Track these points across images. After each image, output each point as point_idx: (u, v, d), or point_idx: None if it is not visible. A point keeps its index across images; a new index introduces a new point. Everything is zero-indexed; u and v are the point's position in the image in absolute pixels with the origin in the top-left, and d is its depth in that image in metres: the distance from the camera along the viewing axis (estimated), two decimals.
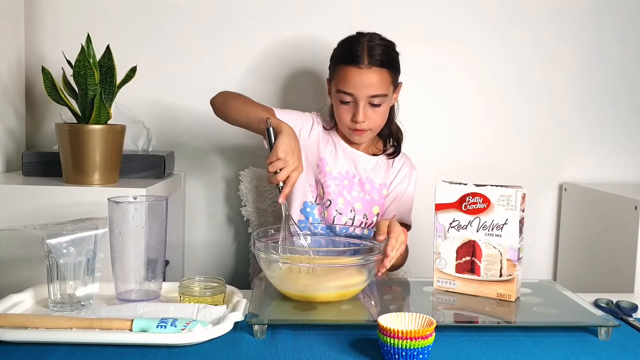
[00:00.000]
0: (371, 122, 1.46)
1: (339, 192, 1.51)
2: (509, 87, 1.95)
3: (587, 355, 0.92)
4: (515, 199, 1.10)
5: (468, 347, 0.94)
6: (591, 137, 1.99)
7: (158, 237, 1.09)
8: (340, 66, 1.45)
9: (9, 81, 1.70)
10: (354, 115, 1.44)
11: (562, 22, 1.93)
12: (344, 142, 1.55)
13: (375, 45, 1.43)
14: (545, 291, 1.19)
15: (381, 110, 1.46)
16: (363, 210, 1.51)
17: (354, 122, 1.45)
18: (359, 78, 1.41)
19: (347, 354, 0.90)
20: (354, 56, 1.42)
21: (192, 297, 1.07)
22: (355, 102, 1.43)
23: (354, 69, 1.42)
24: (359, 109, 1.43)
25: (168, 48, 1.85)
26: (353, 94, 1.43)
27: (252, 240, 1.13)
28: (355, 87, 1.42)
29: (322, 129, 1.56)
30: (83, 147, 1.42)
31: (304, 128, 1.54)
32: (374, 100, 1.43)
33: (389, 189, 1.55)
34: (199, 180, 1.92)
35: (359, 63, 1.41)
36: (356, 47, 1.43)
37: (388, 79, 1.44)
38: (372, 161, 1.56)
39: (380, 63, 1.42)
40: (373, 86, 1.42)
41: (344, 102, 1.45)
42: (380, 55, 1.42)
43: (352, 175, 1.53)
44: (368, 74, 1.41)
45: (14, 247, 1.38)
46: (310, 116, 1.57)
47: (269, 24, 1.86)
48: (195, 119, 1.89)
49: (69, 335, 0.91)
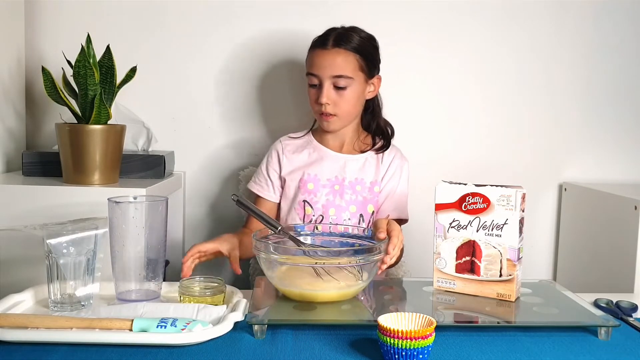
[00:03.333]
0: (337, 107, 1.47)
1: (329, 202, 1.50)
2: (509, 87, 1.95)
3: (587, 355, 0.92)
4: (515, 199, 1.10)
5: (468, 347, 0.94)
6: (591, 137, 1.99)
7: (158, 237, 1.09)
8: (310, 51, 1.51)
9: (9, 81, 1.70)
10: (319, 97, 1.46)
11: (562, 22, 1.93)
12: (326, 148, 1.56)
13: (348, 33, 1.47)
14: (545, 291, 1.19)
15: (347, 95, 1.46)
16: (358, 212, 1.51)
17: (320, 105, 1.47)
18: (323, 58, 1.45)
19: (347, 354, 0.90)
20: (323, 40, 1.47)
21: (192, 297, 1.07)
22: (321, 84, 1.46)
23: (320, 50, 1.47)
24: (323, 89, 1.45)
25: (168, 48, 1.85)
26: (317, 75, 1.46)
27: (252, 240, 1.13)
28: (319, 67, 1.46)
29: (298, 145, 1.58)
30: (83, 147, 1.42)
31: (276, 169, 1.57)
32: (338, 82, 1.45)
33: (381, 186, 1.54)
34: (199, 180, 1.92)
35: (325, 45, 1.46)
36: (329, 33, 1.49)
37: (354, 63, 1.46)
38: (360, 160, 1.55)
39: (346, 46, 1.45)
40: (336, 66, 1.44)
41: (311, 85, 1.49)
42: (349, 39, 1.45)
43: (342, 179, 1.52)
44: (332, 54, 1.45)
45: (14, 247, 1.38)
46: (274, 150, 1.59)
47: (270, 24, 1.86)
48: (195, 119, 1.89)
49: (69, 335, 0.91)
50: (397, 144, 1.62)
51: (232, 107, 1.89)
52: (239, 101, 1.89)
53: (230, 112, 1.89)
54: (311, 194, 1.51)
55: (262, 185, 1.59)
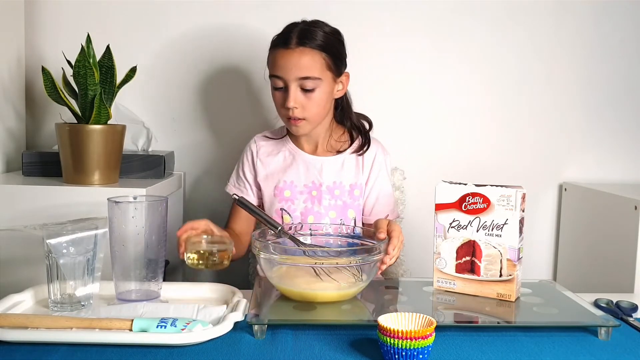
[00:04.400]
0: (305, 110, 1.38)
1: (307, 210, 1.45)
2: (509, 87, 1.95)
3: (587, 355, 0.92)
4: (515, 199, 1.10)
5: (468, 347, 0.94)
6: (591, 137, 1.99)
7: (158, 237, 1.09)
8: (272, 50, 1.40)
9: (9, 81, 1.70)
10: (285, 101, 1.37)
11: (562, 22, 1.93)
12: (301, 151, 1.49)
13: (311, 29, 1.37)
14: (545, 291, 1.19)
15: (316, 97, 1.37)
16: (338, 217, 1.46)
17: (287, 109, 1.37)
18: (287, 59, 1.35)
19: (347, 354, 0.90)
20: (285, 38, 1.37)
21: (197, 253, 1.05)
22: (287, 86, 1.36)
23: (282, 51, 1.36)
24: (290, 93, 1.36)
25: (168, 48, 1.85)
26: (282, 77, 1.36)
27: (252, 240, 1.13)
28: (283, 69, 1.35)
29: (271, 147, 1.52)
30: (83, 147, 1.42)
31: (251, 169, 1.53)
32: (305, 84, 1.35)
33: (365, 190, 1.48)
34: (199, 180, 1.92)
35: (288, 44, 1.35)
36: (291, 29, 1.38)
37: (320, 62, 1.36)
38: (338, 162, 1.48)
39: (311, 44, 1.35)
40: (302, 67, 1.34)
41: (276, 88, 1.39)
42: (313, 36, 1.35)
43: (319, 184, 1.46)
44: (296, 54, 1.34)
45: (14, 247, 1.38)
46: (248, 149, 1.54)
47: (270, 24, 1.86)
48: (195, 119, 1.89)
49: (69, 335, 0.91)
50: (397, 145, 1.61)
51: (232, 107, 1.89)
52: (240, 101, 1.89)
53: (230, 112, 1.89)
54: (288, 202, 1.46)
55: (240, 189, 1.54)
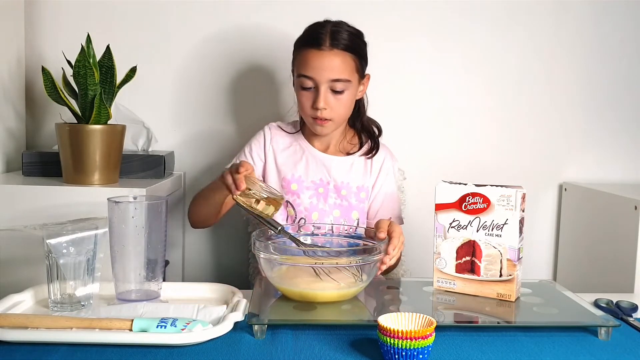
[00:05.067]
0: (333, 111, 1.40)
1: (312, 206, 1.46)
2: (509, 86, 1.95)
3: (587, 355, 0.92)
4: (515, 199, 1.10)
5: (468, 347, 0.94)
6: (591, 137, 1.99)
7: (158, 237, 1.09)
8: (302, 49, 1.41)
9: (9, 81, 1.70)
10: (315, 102, 1.38)
11: (562, 22, 1.93)
12: (312, 147, 1.50)
13: (340, 30, 1.39)
14: (545, 291, 1.19)
15: (344, 99, 1.40)
16: (341, 217, 1.46)
17: (315, 110, 1.39)
18: (320, 60, 1.36)
19: (347, 354, 0.90)
20: (316, 38, 1.38)
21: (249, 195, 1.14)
22: (316, 87, 1.38)
23: (315, 51, 1.37)
24: (320, 94, 1.37)
25: (168, 48, 1.85)
26: (313, 78, 1.37)
27: (252, 240, 1.13)
28: (315, 70, 1.37)
29: (283, 138, 1.52)
30: (83, 147, 1.42)
31: (260, 154, 1.51)
32: (336, 86, 1.37)
33: (372, 193, 1.50)
34: (199, 180, 1.92)
35: (321, 45, 1.36)
36: (320, 30, 1.39)
37: (351, 64, 1.39)
38: (347, 163, 1.50)
39: (343, 46, 1.37)
40: (334, 69, 1.36)
41: (304, 87, 1.40)
42: (344, 39, 1.38)
43: (327, 182, 1.47)
44: (330, 56, 1.36)
45: (14, 247, 1.38)
46: (262, 133, 1.53)
47: (272, 25, 1.86)
48: (195, 119, 1.89)
49: (69, 335, 0.91)
50: (397, 145, 1.61)
51: (232, 107, 1.89)
52: (240, 101, 1.89)
53: (230, 112, 1.89)
54: (294, 195, 1.47)
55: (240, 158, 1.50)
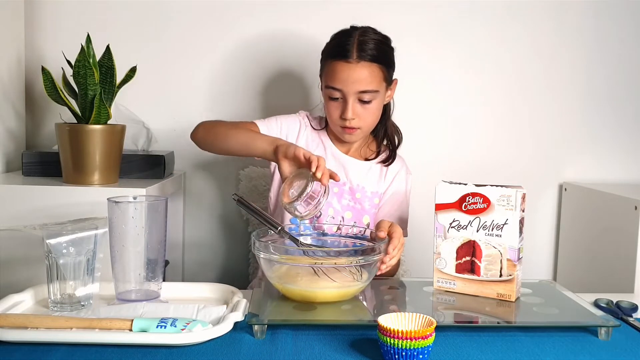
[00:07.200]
0: (361, 120, 1.41)
1: (328, 203, 1.44)
2: (509, 86, 1.95)
3: (587, 355, 0.92)
4: (515, 199, 1.10)
5: (468, 347, 0.94)
6: (591, 137, 1.99)
7: (158, 237, 1.09)
8: (329, 61, 1.41)
9: (8, 81, 1.70)
10: (343, 112, 1.39)
11: (562, 22, 1.93)
12: (334, 146, 1.50)
13: (367, 40, 1.38)
14: (545, 291, 1.19)
15: (372, 108, 1.41)
16: (353, 219, 1.47)
17: (343, 120, 1.40)
18: (348, 73, 1.36)
19: (347, 354, 0.90)
20: (343, 50, 1.37)
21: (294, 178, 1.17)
22: (344, 98, 1.39)
23: (342, 64, 1.37)
24: (348, 105, 1.38)
25: (168, 48, 1.85)
26: (341, 90, 1.38)
27: (252, 240, 1.13)
28: (343, 82, 1.37)
29: (310, 131, 1.52)
30: (83, 147, 1.42)
31: (290, 135, 1.49)
32: (363, 97, 1.38)
33: (383, 198, 1.50)
34: (199, 180, 1.92)
35: (348, 57, 1.36)
36: (346, 40, 1.38)
37: (379, 75, 1.39)
38: (364, 167, 1.50)
39: (370, 58, 1.37)
40: (362, 81, 1.37)
41: (332, 98, 1.41)
42: (372, 49, 1.37)
43: (343, 183, 1.47)
44: (357, 68, 1.36)
45: (14, 247, 1.38)
46: (297, 118, 1.52)
47: (272, 26, 1.86)
48: (195, 119, 1.87)
49: (69, 335, 0.91)
50: None
51: (232, 107, 1.89)
52: (240, 101, 1.89)
53: (230, 112, 1.89)
54: None
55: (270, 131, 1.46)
